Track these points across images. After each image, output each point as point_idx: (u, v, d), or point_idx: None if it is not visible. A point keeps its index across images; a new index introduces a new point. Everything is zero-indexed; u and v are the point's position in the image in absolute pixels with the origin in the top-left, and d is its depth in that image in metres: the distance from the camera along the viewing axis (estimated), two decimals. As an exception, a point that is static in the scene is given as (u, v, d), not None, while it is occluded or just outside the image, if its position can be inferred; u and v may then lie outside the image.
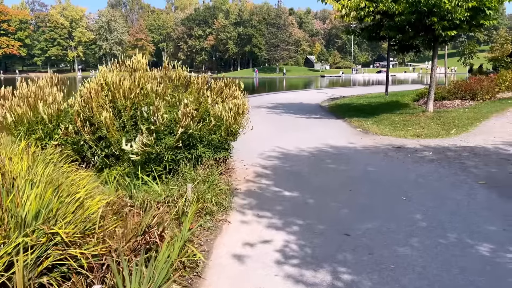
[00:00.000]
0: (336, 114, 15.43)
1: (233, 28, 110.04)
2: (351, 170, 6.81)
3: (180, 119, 5.14)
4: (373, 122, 12.40)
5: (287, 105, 19.27)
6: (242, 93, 6.63)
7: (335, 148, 8.62)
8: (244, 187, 5.92)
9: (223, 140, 5.92)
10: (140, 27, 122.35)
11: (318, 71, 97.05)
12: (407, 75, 79.49)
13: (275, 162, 7.43)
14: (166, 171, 5.47)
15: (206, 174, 5.44)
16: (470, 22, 11.43)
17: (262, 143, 9.26)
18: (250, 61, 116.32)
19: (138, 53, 6.15)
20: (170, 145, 5.32)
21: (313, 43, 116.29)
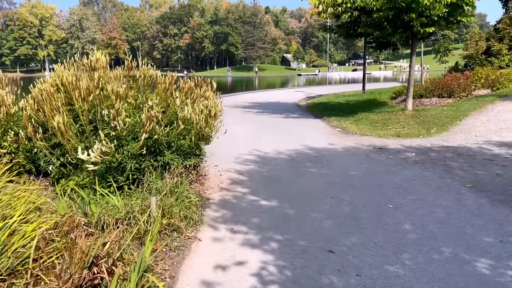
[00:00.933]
0: (314, 114, 15.08)
1: (209, 27, 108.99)
2: (332, 174, 6.40)
3: (144, 123, 4.59)
4: (352, 121, 12.09)
5: (264, 105, 18.82)
6: (215, 94, 6.12)
7: (315, 150, 8.21)
8: (218, 196, 5.42)
9: (194, 145, 5.40)
10: (114, 25, 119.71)
11: (295, 70, 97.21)
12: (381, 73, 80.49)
13: (251, 167, 6.95)
14: (129, 181, 4.90)
15: (174, 183, 4.90)
16: (447, 19, 11.23)
17: (238, 145, 8.77)
18: (227, 59, 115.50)
19: (97, 50, 5.54)
20: (133, 152, 4.76)
21: (290, 41, 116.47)
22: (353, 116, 13.05)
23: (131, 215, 3.99)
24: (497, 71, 17.14)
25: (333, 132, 10.68)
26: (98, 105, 5.28)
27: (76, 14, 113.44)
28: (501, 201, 4.98)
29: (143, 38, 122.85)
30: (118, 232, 3.71)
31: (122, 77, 5.37)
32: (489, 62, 19.57)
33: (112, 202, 4.22)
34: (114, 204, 4.20)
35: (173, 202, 4.39)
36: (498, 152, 7.37)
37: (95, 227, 3.83)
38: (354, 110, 14.64)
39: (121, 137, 4.83)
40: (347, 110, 14.94)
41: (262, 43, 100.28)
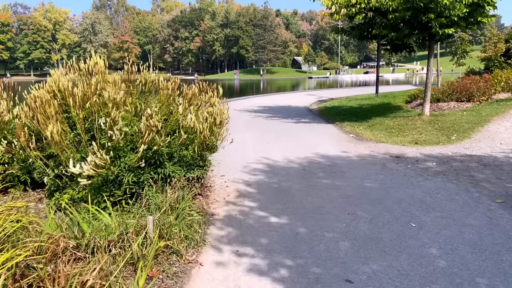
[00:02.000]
0: (326, 118, 14.60)
1: (219, 30, 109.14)
2: (347, 186, 5.93)
3: (143, 133, 4.19)
4: (366, 126, 11.59)
5: (274, 109, 18.40)
6: (221, 100, 5.72)
7: (328, 158, 7.75)
8: (223, 211, 4.99)
9: (197, 156, 4.99)
10: (126, 29, 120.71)
11: (305, 72, 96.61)
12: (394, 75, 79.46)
13: (260, 177, 6.52)
14: (127, 195, 4.51)
15: (175, 198, 4.50)
16: (467, 19, 10.70)
17: (246, 153, 8.35)
18: (237, 62, 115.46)
19: (95, 54, 5.17)
20: (131, 164, 4.37)
21: (300, 44, 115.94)
22: (366, 121, 12.55)
23: (125, 236, 3.59)
24: (517, 74, 16.46)
25: (346, 138, 10.20)
26: (96, 112, 4.92)
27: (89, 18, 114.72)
28: (538, 220, 4.47)
29: (155, 42, 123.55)
30: (109, 257, 3.31)
31: (121, 82, 4.99)
32: (508, 64, 18.88)
33: (106, 221, 3.82)
34: (108, 224, 3.81)
35: (173, 221, 3.98)
36: (527, 162, 6.83)
37: (85, 250, 3.44)
38: (367, 114, 14.14)
39: (118, 148, 4.44)
40: (360, 114, 14.43)
41: (272, 45, 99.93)
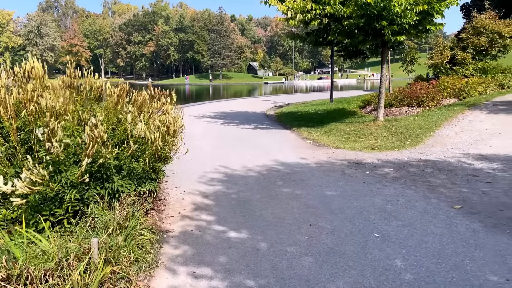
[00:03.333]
0: (283, 124, 14.53)
1: (174, 34, 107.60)
2: (308, 195, 5.77)
3: (86, 145, 3.78)
4: (323, 132, 11.60)
5: (231, 115, 18.13)
6: (174, 107, 5.37)
7: (287, 166, 7.58)
8: (179, 227, 4.65)
9: (149, 168, 4.62)
10: (75, 32, 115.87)
11: (261, 78, 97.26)
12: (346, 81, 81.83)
13: (218, 188, 6.22)
14: (69, 214, 4.06)
15: (125, 216, 4.11)
16: (417, 27, 11.01)
17: (203, 162, 8.02)
18: (193, 67, 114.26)
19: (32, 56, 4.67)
20: (74, 180, 3.93)
21: (256, 50, 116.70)
22: (323, 127, 12.59)
23: (65, 263, 3.17)
24: (462, 80, 17.26)
25: (304, 144, 10.12)
26: (33, 122, 4.43)
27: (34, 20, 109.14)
28: (495, 226, 4.49)
29: (106, 46, 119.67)
30: (46, 289, 2.89)
31: (62, 88, 4.53)
32: (454, 71, 19.79)
33: (42, 245, 3.38)
34: (45, 249, 3.36)
35: (121, 242, 3.60)
36: (479, 167, 7.00)
37: (17, 282, 3.00)
38: (323, 120, 14.22)
39: (58, 162, 3.99)
40: (316, 120, 14.49)
41: (228, 51, 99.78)
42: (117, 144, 4.64)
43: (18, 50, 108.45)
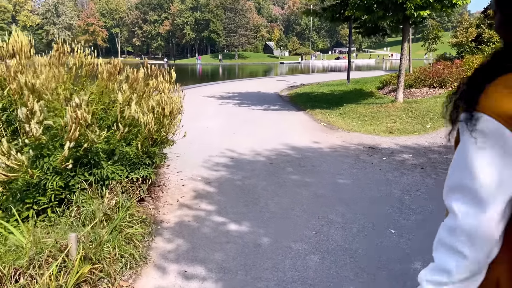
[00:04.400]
0: (297, 105, 13.99)
1: (189, 13, 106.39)
2: (318, 183, 5.32)
3: (68, 128, 3.39)
4: (338, 114, 11.05)
5: (243, 95, 17.64)
6: (174, 86, 4.94)
7: (298, 150, 7.12)
8: (175, 217, 4.27)
9: (143, 152, 4.22)
10: (91, 11, 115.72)
11: (277, 58, 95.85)
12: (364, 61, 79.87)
13: (222, 173, 5.82)
14: (53, 203, 3.71)
15: (114, 205, 3.75)
16: (442, 1, 10.22)
17: (210, 144, 7.62)
18: (208, 47, 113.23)
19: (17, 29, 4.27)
20: (57, 166, 3.56)
21: (272, 29, 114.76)
22: (338, 108, 12.02)
23: (37, 261, 2.82)
24: (488, 60, 16.28)
25: (317, 127, 9.61)
26: (17, 101, 4.06)
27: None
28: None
29: (122, 25, 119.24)
30: (13, 291, 2.55)
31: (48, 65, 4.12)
32: (479, 50, 18.76)
33: (15, 239, 3.03)
34: (19, 243, 3.02)
35: (106, 235, 3.23)
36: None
37: (-17, 282, 2.66)
38: (339, 101, 13.62)
39: (40, 146, 3.62)
40: (332, 101, 13.90)
41: (244, 30, 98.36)
42: (109, 127, 4.25)
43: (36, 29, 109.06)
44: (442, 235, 1.00)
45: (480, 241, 0.92)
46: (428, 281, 1.01)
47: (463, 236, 0.94)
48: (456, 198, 0.96)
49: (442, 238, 1.00)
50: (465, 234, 0.93)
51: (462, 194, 0.95)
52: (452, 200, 0.98)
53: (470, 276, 0.96)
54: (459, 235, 0.95)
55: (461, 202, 0.95)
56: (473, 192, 0.92)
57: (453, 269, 0.96)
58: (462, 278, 0.96)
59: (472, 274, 0.95)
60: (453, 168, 1.00)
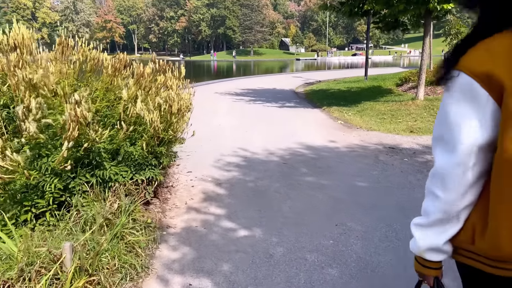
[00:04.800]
0: (313, 102, 13.63)
1: (205, 10, 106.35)
2: (335, 186, 4.99)
3: (67, 127, 3.15)
4: (356, 112, 10.66)
5: (258, 92, 17.34)
6: (183, 82, 4.67)
7: (313, 150, 6.80)
8: (182, 222, 4.01)
9: (149, 152, 3.97)
10: (109, 8, 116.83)
11: (293, 54, 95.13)
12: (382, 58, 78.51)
13: (234, 174, 5.54)
14: (52, 206, 3.49)
15: (117, 209, 3.51)
16: (467, -5, 9.70)
17: (222, 142, 7.36)
18: (224, 43, 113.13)
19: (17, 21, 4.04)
20: (55, 167, 3.34)
21: (288, 25, 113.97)
22: (356, 106, 11.63)
23: (30, 272, 2.59)
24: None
25: (334, 125, 9.25)
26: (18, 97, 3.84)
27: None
28: None
29: (139, 21, 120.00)
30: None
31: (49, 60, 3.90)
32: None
33: (6, 248, 2.81)
34: (10, 252, 2.79)
35: (105, 244, 2.98)
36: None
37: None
38: (357, 98, 13.21)
39: (39, 145, 3.40)
40: (349, 98, 13.49)
41: (260, 26, 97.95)
42: (113, 125, 4.01)
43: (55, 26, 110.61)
44: (426, 182, 1.14)
45: (450, 184, 1.03)
46: (414, 224, 1.18)
47: (438, 180, 1.07)
48: (435, 147, 1.09)
49: (426, 185, 1.14)
50: (439, 178, 1.06)
51: (439, 143, 1.07)
52: (433, 149, 1.10)
53: (444, 218, 1.06)
54: (435, 179, 1.09)
55: (438, 151, 1.07)
56: (445, 140, 1.04)
57: (430, 210, 1.11)
58: (437, 219, 1.08)
59: (446, 215, 1.06)
60: (436, 121, 1.09)
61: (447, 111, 1.03)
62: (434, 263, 1.15)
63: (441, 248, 1.11)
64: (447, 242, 1.10)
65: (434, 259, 1.14)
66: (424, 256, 1.15)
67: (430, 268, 1.16)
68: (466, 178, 1.01)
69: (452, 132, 1.01)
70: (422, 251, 1.14)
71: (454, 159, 1.01)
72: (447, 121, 1.02)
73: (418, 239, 1.15)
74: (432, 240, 1.11)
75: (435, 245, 1.11)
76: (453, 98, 1.02)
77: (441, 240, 1.10)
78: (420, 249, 1.15)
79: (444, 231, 1.08)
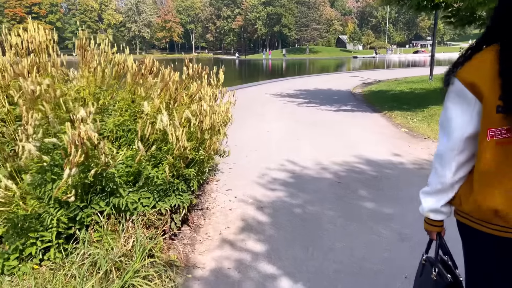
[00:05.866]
0: (372, 105, 12.50)
1: (262, 8, 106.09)
2: (403, 219, 4.07)
3: (68, 149, 2.56)
4: (422, 118, 9.48)
5: (311, 93, 16.41)
6: (219, 90, 3.99)
7: (374, 166, 5.87)
8: (213, 260, 3.32)
9: (174, 176, 3.32)
10: (169, 8, 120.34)
11: (350, 52, 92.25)
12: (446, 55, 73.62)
13: (279, 195, 4.79)
14: (59, 240, 2.94)
15: (132, 247, 2.89)
16: None
17: (268, 154, 6.63)
18: (279, 42, 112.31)
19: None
20: (58, 197, 2.77)
21: (346, 22, 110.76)
22: (422, 111, 10.40)
23: None
24: None
25: (397, 134, 8.19)
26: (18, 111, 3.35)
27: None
28: None
29: (197, 21, 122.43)
30: None
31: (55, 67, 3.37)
32: None
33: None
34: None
35: (107, 301, 2.36)
36: None
37: None
38: (422, 102, 11.90)
39: (43, 169, 2.85)
40: (413, 101, 12.21)
41: (316, 24, 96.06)
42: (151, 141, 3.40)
43: (119, 26, 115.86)
44: (432, 160, 1.52)
45: (446, 162, 1.42)
46: (421, 192, 1.58)
47: (438, 158, 1.46)
48: (439, 132, 1.48)
49: (432, 162, 1.52)
50: (439, 157, 1.45)
51: (440, 129, 1.47)
52: (439, 133, 1.48)
53: (441, 188, 1.47)
54: (436, 157, 1.47)
55: (440, 135, 1.47)
56: (444, 128, 1.44)
57: (432, 181, 1.51)
58: (436, 189, 1.49)
59: (443, 186, 1.46)
60: (441, 112, 1.46)
61: (446, 107, 1.40)
62: (436, 222, 1.57)
63: (440, 210, 1.51)
64: (445, 205, 1.50)
65: (435, 218, 1.55)
66: (428, 216, 1.56)
67: (433, 226, 1.58)
68: (458, 159, 1.39)
69: (449, 124, 1.39)
70: (426, 212, 1.56)
71: (449, 144, 1.40)
72: (446, 115, 1.40)
73: (423, 203, 1.56)
74: (433, 204, 1.52)
75: (435, 208, 1.52)
76: (451, 98, 1.38)
77: (439, 204, 1.50)
78: (424, 210, 1.56)
79: (441, 198, 1.49)
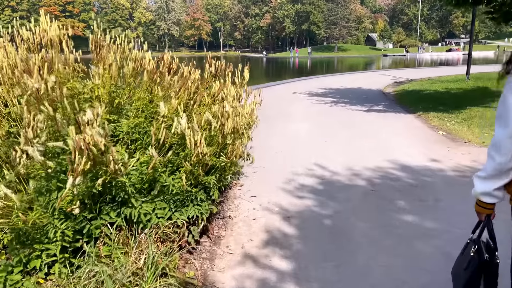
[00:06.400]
0: (405, 106, 11.89)
1: (290, 6, 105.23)
2: (447, 234, 3.63)
3: (72, 156, 2.29)
4: (461, 120, 8.87)
5: (341, 92, 15.87)
6: (244, 89, 3.65)
7: (410, 172, 5.40)
8: (233, 278, 3.00)
9: (192, 185, 3.01)
10: (198, 6, 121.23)
11: (380, 50, 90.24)
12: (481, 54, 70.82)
13: (306, 203, 4.42)
14: (64, 255, 2.68)
15: (143, 264, 2.60)
16: None
17: (295, 157, 6.26)
18: (308, 40, 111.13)
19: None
20: (63, 207, 2.51)
21: (376, 20, 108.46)
22: (460, 112, 9.76)
23: None
24: None
25: (434, 137, 7.64)
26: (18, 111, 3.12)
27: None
28: None
29: (225, 19, 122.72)
30: None
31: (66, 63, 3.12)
32: None
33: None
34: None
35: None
36: None
37: None
38: (459, 102, 11.22)
39: (49, 176, 2.60)
40: (449, 102, 11.53)
41: (345, 21, 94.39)
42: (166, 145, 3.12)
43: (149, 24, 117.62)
44: (488, 148, 1.67)
45: (503, 150, 1.56)
46: (475, 176, 1.76)
47: (495, 146, 1.61)
48: (496, 122, 1.62)
49: (487, 149, 1.67)
50: (495, 145, 1.60)
51: (498, 120, 1.59)
52: (495, 124, 1.62)
53: (497, 174, 1.63)
54: (493, 146, 1.62)
55: (497, 125, 1.60)
56: (502, 118, 1.55)
57: (488, 168, 1.66)
58: (492, 174, 1.65)
59: (499, 172, 1.62)
60: (499, 104, 1.58)
61: (505, 97, 1.52)
62: (487, 204, 1.73)
63: (492, 193, 1.68)
64: (497, 189, 1.67)
65: (486, 201, 1.72)
66: (480, 198, 1.73)
67: (484, 208, 1.75)
68: None
69: (507, 113, 1.51)
70: (478, 194, 1.73)
71: (506, 133, 1.53)
72: (505, 104, 1.53)
73: (476, 186, 1.74)
74: (485, 187, 1.69)
75: (487, 191, 1.69)
76: (509, 88, 1.52)
77: (491, 187, 1.67)
78: (476, 192, 1.74)
79: (495, 183, 1.65)
